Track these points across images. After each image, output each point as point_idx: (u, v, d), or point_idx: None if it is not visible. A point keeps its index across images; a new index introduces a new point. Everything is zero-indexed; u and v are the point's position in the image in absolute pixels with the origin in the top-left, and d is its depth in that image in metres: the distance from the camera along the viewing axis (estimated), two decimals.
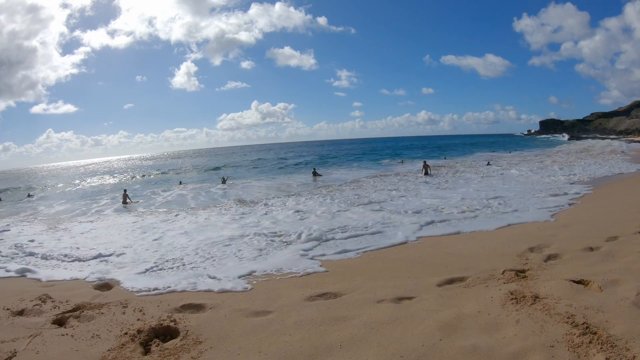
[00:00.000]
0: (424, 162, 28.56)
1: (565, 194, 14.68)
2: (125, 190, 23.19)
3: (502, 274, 5.80)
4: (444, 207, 13.12)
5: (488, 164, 32.29)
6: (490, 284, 5.47)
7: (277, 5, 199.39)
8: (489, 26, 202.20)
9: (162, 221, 14.31)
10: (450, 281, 5.85)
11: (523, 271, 5.92)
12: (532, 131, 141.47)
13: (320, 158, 55.00)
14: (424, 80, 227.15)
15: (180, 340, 4.56)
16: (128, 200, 21.70)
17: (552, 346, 3.66)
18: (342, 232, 10.28)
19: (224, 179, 29.95)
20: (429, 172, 26.50)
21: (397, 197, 16.68)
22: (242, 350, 4.22)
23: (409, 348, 3.93)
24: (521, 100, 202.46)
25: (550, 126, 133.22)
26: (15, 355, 4.41)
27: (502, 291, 5.00)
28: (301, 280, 6.58)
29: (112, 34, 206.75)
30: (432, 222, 10.96)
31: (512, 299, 4.73)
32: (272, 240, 9.87)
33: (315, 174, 29.92)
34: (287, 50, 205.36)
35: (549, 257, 6.68)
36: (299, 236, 9.95)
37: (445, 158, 45.93)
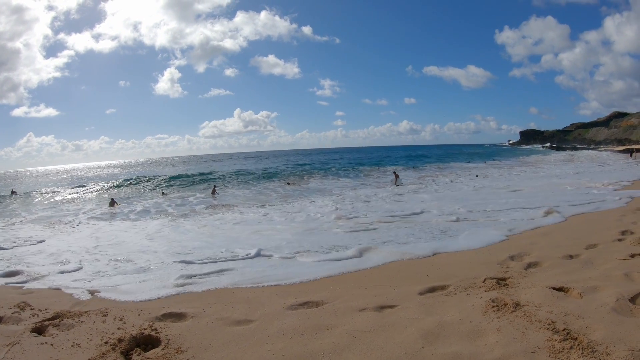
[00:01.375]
0: (394, 172, 29.23)
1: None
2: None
3: (483, 282, 5.80)
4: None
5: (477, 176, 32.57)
6: (472, 292, 5.48)
7: (263, 13, 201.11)
8: (471, 38, 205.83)
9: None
10: (432, 289, 5.84)
11: (504, 279, 5.94)
12: (512, 141, 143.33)
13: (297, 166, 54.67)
14: (406, 91, 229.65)
15: (162, 349, 4.47)
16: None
17: (534, 352, 3.67)
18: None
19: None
20: (398, 183, 27.30)
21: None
22: (224, 359, 4.16)
23: (391, 356, 3.92)
24: (502, 111, 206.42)
25: (530, 136, 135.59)
26: None
27: (484, 299, 5.02)
28: (283, 289, 6.50)
29: (96, 37, 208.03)
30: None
31: (493, 306, 4.74)
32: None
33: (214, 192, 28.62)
34: (272, 58, 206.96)
35: (530, 265, 6.75)
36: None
37: (414, 168, 46.44)
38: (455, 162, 55.15)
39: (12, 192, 32.08)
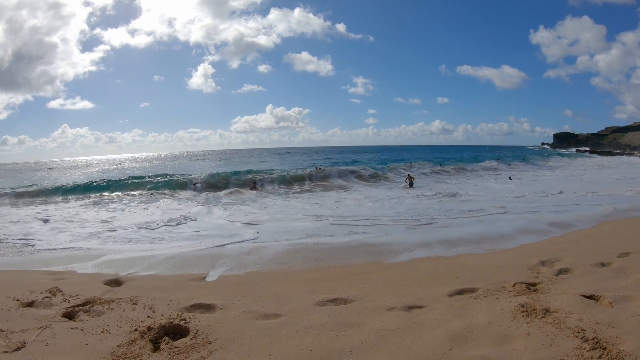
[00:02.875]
0: (408, 175, 29.56)
1: None
2: None
3: (513, 286, 5.93)
4: None
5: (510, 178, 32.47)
6: (501, 296, 5.62)
7: (297, 11, 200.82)
8: (505, 37, 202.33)
9: None
10: (461, 292, 6.00)
11: (534, 284, 6.07)
12: (544, 144, 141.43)
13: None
14: (439, 90, 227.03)
15: (190, 339, 4.73)
16: None
17: None
18: None
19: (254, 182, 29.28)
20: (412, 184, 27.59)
21: None
22: (251, 352, 4.38)
23: (418, 356, 4.08)
24: (536, 113, 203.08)
25: (564, 139, 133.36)
26: (24, 346, 4.59)
27: (513, 303, 5.17)
28: (310, 285, 6.75)
29: (132, 33, 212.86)
30: None
31: (522, 311, 4.89)
32: None
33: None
34: (305, 55, 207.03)
35: (560, 271, 6.84)
36: None
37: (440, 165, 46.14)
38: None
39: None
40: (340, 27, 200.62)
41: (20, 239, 11.88)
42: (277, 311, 5.47)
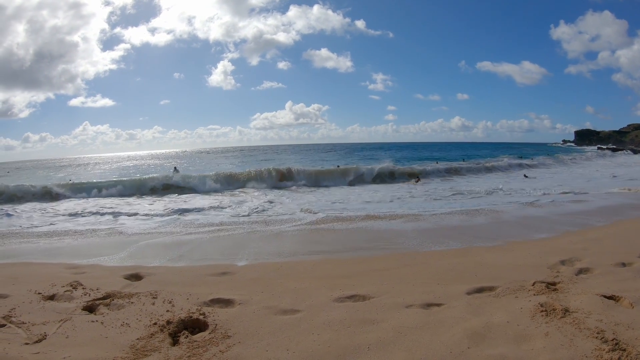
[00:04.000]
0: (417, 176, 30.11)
1: None
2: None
3: (533, 285, 6.04)
4: None
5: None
6: (520, 295, 5.73)
7: (316, 7, 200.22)
8: (525, 33, 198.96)
9: None
10: (480, 290, 6.12)
11: (554, 284, 6.16)
12: (565, 141, 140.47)
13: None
14: (458, 86, 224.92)
15: (209, 333, 4.93)
16: None
17: None
18: None
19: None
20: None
21: None
22: (270, 347, 4.56)
23: (436, 354, 4.20)
24: (557, 109, 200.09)
25: (585, 136, 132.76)
26: (45, 338, 4.83)
27: (532, 303, 5.27)
28: (329, 282, 6.92)
29: (152, 31, 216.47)
30: None
31: (541, 311, 4.99)
32: None
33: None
34: (324, 52, 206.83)
35: (580, 271, 6.92)
36: None
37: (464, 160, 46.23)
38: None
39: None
40: (360, 23, 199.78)
41: None
42: (296, 307, 5.65)
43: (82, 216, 16.76)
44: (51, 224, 15.03)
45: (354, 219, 13.77)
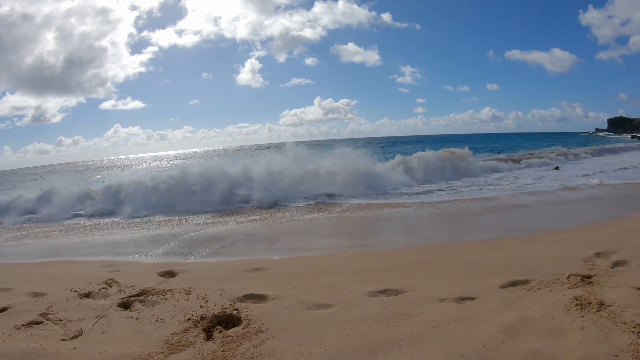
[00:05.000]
0: None
1: None
2: None
3: (567, 278, 6.09)
4: None
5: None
6: (555, 289, 5.78)
7: (340, 2, 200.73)
8: (554, 19, 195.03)
9: None
10: (514, 283, 6.19)
11: (589, 277, 6.19)
12: (598, 130, 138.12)
13: None
14: (488, 76, 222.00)
15: (243, 328, 5.13)
16: None
17: (617, 355, 3.94)
18: None
19: None
20: None
21: None
22: (303, 341, 4.73)
23: (470, 349, 4.29)
24: (589, 97, 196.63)
25: (619, 124, 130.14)
26: (81, 334, 5.07)
27: (567, 296, 5.34)
28: (362, 276, 7.07)
29: (179, 33, 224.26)
30: None
31: (576, 304, 5.04)
32: None
33: None
34: (351, 46, 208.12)
35: (616, 264, 6.91)
36: None
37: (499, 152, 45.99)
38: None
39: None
40: (386, 16, 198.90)
41: None
42: (329, 301, 5.83)
43: None
44: None
45: None
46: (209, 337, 4.99)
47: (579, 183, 18.90)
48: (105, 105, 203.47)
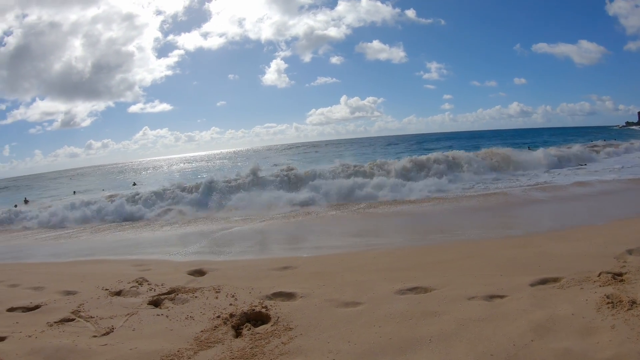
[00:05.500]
0: None
1: None
2: None
3: (598, 276, 6.06)
4: None
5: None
6: (585, 286, 5.76)
7: (364, 0, 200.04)
8: (580, 10, 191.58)
9: None
10: (544, 281, 6.18)
11: (620, 274, 6.14)
12: (629, 123, 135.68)
13: None
14: (515, 70, 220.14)
15: (271, 325, 5.26)
16: None
17: None
18: None
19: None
20: None
21: None
22: (331, 338, 4.83)
23: (499, 347, 4.32)
24: (618, 90, 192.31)
25: None
26: (112, 331, 5.26)
27: (598, 294, 5.32)
28: (390, 274, 7.14)
29: (204, 36, 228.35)
30: None
31: (607, 303, 5.02)
32: None
33: None
34: (376, 44, 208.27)
35: None
36: None
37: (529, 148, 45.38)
38: None
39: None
40: (410, 12, 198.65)
41: None
42: (357, 299, 5.94)
43: None
44: None
45: None
46: (238, 334, 5.13)
47: None
48: (134, 108, 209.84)
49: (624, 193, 15.68)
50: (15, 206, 29.17)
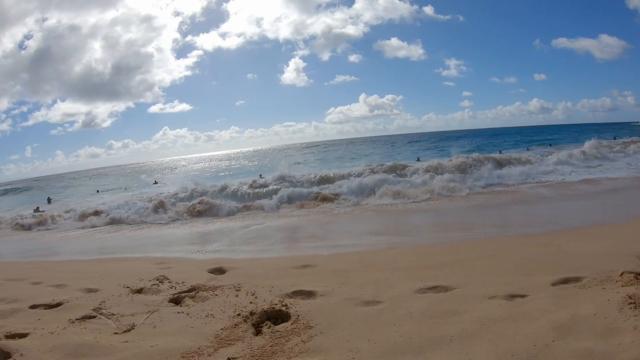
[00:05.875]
0: None
1: None
2: None
3: (620, 276, 6.03)
4: None
5: None
6: (607, 286, 5.75)
7: None
8: (600, 4, 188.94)
9: None
10: (565, 281, 6.18)
11: None
12: None
13: None
14: (535, 66, 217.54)
15: (291, 324, 5.34)
16: None
17: None
18: None
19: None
20: None
21: None
22: (351, 337, 4.89)
23: (520, 347, 4.33)
24: None
25: None
26: (134, 328, 5.36)
27: (620, 294, 5.31)
28: (411, 273, 7.17)
29: (223, 36, 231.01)
30: None
31: (630, 303, 5.00)
32: None
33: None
34: (395, 41, 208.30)
35: None
36: None
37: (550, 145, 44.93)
38: None
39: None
40: (428, 9, 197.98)
41: None
42: (377, 298, 6.01)
43: None
44: None
45: None
46: (258, 332, 5.23)
47: None
48: (153, 109, 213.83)
49: None
50: (37, 209, 29.59)
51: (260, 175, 33.28)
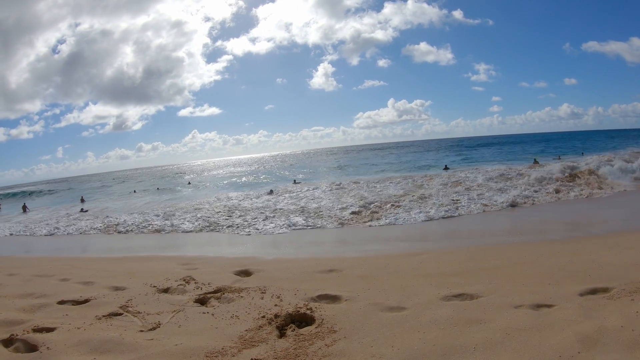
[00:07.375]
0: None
1: None
2: None
3: None
4: None
5: None
6: (636, 298, 5.80)
7: (410, 2, 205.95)
8: (630, 6, 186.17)
9: None
10: (593, 291, 6.25)
11: None
12: None
13: None
14: (565, 71, 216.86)
15: (315, 327, 5.52)
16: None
17: None
18: None
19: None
20: None
21: None
22: (375, 342, 5.04)
23: (545, 358, 4.40)
24: None
25: None
26: (159, 327, 5.60)
27: None
28: (437, 280, 7.28)
29: (253, 41, 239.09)
30: None
31: None
32: None
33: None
34: (423, 46, 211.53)
35: None
36: None
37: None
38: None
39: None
40: (457, 13, 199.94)
41: None
42: (402, 304, 6.19)
43: None
44: None
45: None
46: (282, 334, 5.44)
47: None
48: (183, 112, 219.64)
49: None
50: (82, 209, 30.15)
51: (295, 181, 33.66)
